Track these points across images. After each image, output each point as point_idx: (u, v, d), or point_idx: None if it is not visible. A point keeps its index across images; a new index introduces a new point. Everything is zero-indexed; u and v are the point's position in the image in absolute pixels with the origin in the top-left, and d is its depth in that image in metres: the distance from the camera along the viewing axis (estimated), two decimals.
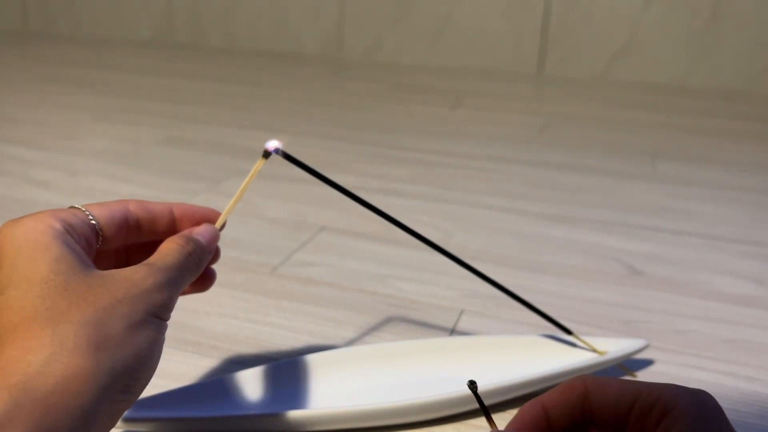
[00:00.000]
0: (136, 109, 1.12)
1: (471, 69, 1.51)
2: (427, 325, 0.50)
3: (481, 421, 0.40)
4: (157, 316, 0.27)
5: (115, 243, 0.31)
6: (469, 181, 0.81)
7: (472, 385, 0.25)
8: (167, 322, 0.28)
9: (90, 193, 0.75)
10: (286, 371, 0.41)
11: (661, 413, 0.23)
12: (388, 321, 0.51)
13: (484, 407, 0.25)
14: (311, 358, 0.42)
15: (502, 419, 0.40)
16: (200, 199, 0.73)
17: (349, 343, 0.48)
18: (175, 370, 0.44)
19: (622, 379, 0.25)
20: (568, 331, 0.43)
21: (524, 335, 0.45)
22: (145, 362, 0.26)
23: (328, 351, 0.43)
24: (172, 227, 0.33)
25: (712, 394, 0.24)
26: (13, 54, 1.61)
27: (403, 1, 1.53)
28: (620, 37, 1.41)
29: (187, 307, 0.51)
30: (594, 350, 0.43)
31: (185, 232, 0.32)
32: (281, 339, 0.48)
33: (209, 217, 0.34)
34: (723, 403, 0.41)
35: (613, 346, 0.43)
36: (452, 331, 0.50)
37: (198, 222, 0.34)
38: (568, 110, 1.19)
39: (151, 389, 0.40)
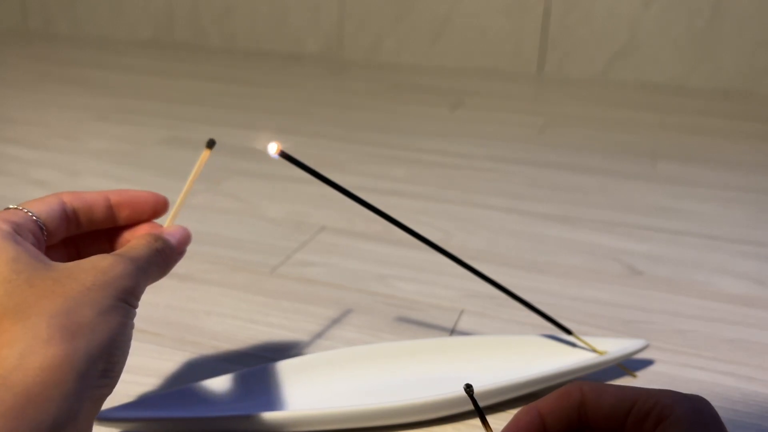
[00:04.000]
0: (136, 109, 1.12)
1: (471, 69, 1.51)
2: (427, 325, 0.50)
3: None
4: (125, 301, 0.27)
5: (59, 236, 0.31)
6: (469, 181, 0.81)
7: (468, 388, 0.25)
8: (136, 311, 0.28)
9: None
10: (285, 371, 0.41)
11: (657, 420, 0.23)
12: (388, 321, 0.51)
13: (479, 410, 0.25)
14: (310, 358, 0.42)
15: (502, 419, 0.40)
16: (200, 199, 0.73)
17: (349, 343, 0.48)
18: (175, 370, 0.44)
19: (619, 385, 0.25)
20: (568, 331, 0.43)
21: (524, 335, 0.45)
22: (119, 346, 0.27)
23: (328, 351, 0.43)
24: (110, 214, 0.33)
25: (712, 394, 0.24)
26: (13, 54, 1.61)
27: (403, 1, 1.53)
28: (620, 37, 1.41)
29: (187, 307, 0.51)
30: (594, 350, 0.43)
31: (156, 231, 0.33)
32: (281, 339, 0.48)
33: (149, 201, 0.34)
34: (723, 404, 0.41)
35: (613, 346, 0.43)
36: (452, 331, 0.50)
37: (138, 207, 0.34)
38: (568, 110, 1.19)
39: (150, 389, 0.40)
